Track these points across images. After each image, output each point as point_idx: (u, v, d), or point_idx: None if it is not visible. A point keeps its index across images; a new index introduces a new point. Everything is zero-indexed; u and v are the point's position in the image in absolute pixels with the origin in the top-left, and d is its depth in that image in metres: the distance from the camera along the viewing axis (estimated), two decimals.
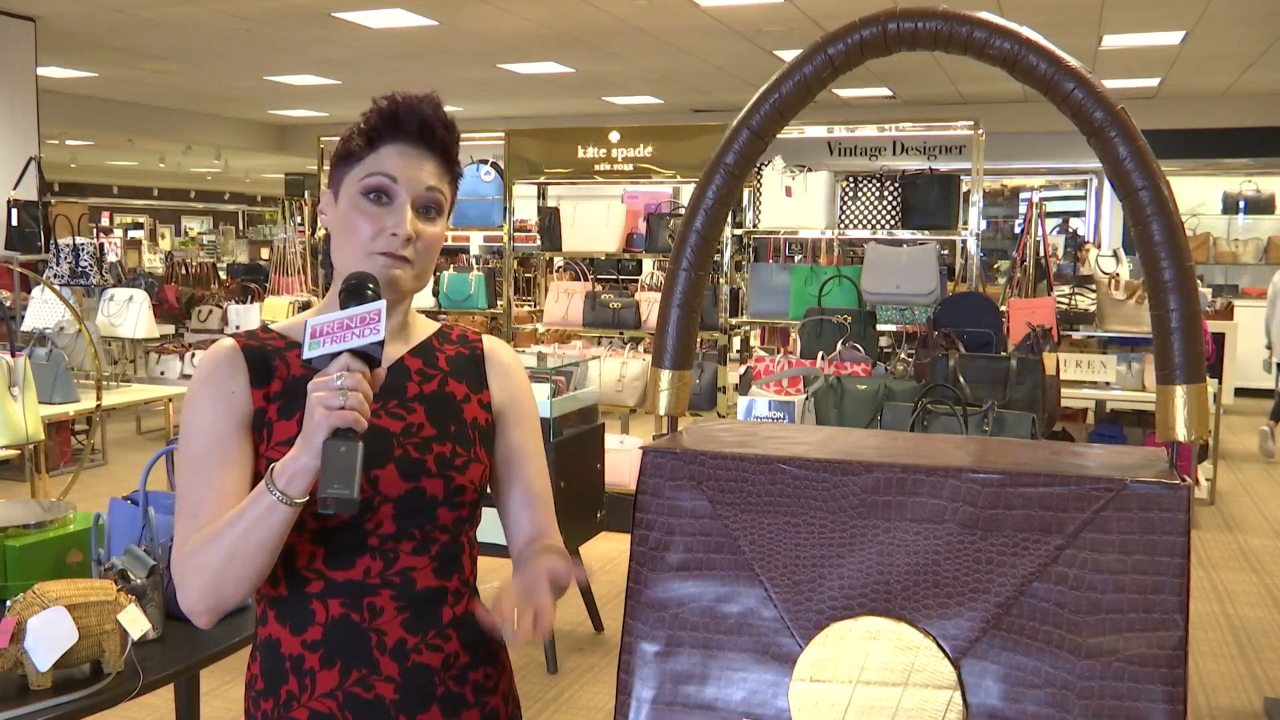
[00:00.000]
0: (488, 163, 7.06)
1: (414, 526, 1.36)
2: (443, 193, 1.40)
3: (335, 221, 1.39)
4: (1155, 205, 0.86)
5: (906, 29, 0.91)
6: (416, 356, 1.45)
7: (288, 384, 1.37)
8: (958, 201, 6.20)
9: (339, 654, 1.34)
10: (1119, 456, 0.94)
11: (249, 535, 1.24)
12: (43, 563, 2.28)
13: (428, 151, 1.38)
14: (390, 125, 1.37)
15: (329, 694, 1.33)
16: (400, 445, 1.36)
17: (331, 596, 1.34)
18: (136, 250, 17.29)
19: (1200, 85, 11.88)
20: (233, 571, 1.25)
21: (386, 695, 1.34)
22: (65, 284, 7.77)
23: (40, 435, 4.69)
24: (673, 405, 1.03)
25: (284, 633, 1.35)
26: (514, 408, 1.50)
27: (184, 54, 10.70)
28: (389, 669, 1.34)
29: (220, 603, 1.27)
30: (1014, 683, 0.83)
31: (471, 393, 1.46)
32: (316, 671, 1.34)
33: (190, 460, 1.33)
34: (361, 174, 1.37)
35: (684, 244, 1.01)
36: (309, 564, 1.34)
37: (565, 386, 4.61)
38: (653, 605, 0.93)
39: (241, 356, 1.37)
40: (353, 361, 1.22)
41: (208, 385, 1.36)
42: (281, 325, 1.45)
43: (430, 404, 1.41)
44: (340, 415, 1.18)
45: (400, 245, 1.34)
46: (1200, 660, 4.48)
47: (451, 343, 1.50)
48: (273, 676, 1.36)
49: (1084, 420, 7.36)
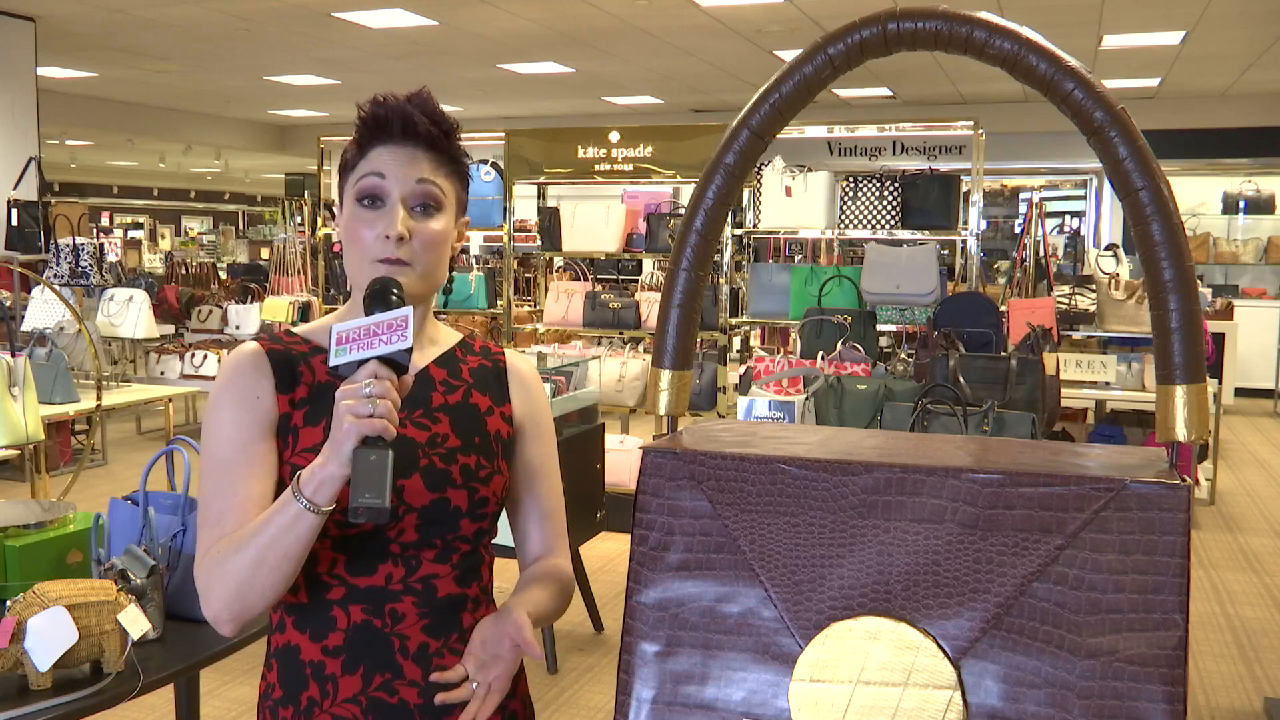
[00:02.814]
0: (488, 163, 7.06)
1: (436, 536, 1.35)
2: (438, 185, 1.37)
3: (342, 232, 1.38)
4: (1155, 205, 0.86)
5: (906, 29, 0.91)
6: (441, 367, 1.44)
7: (313, 390, 1.36)
8: (958, 201, 6.20)
9: (362, 659, 1.33)
10: (1119, 456, 0.94)
11: (275, 544, 1.23)
12: (43, 563, 2.28)
13: (417, 148, 1.36)
14: (376, 127, 1.36)
15: (352, 699, 1.32)
16: (425, 455, 1.35)
17: (353, 603, 1.33)
18: (136, 250, 17.30)
19: (1200, 85, 11.88)
20: (259, 580, 1.24)
21: (410, 700, 1.33)
22: (65, 284, 7.77)
23: (40, 435, 4.69)
24: (673, 405, 1.03)
25: (303, 639, 1.34)
26: (533, 423, 1.50)
27: (184, 54, 10.70)
28: (413, 673, 1.33)
29: (245, 611, 1.26)
30: (1014, 683, 0.83)
31: (495, 405, 1.45)
32: (338, 677, 1.33)
33: (214, 466, 1.32)
34: (355, 179, 1.36)
35: (684, 244, 1.00)
36: (330, 570, 1.33)
37: (565, 386, 4.61)
38: (653, 605, 0.93)
39: (267, 361, 1.36)
40: (380, 369, 1.21)
41: (232, 390, 1.34)
42: (305, 329, 1.43)
43: (455, 415, 1.40)
44: (370, 424, 1.18)
45: (394, 248, 1.32)
46: (1200, 660, 4.48)
47: (474, 354, 1.49)
48: (292, 684, 1.34)
49: (1084, 420, 7.36)
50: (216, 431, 1.32)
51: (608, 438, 5.00)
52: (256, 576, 1.24)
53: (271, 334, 1.43)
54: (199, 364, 8.51)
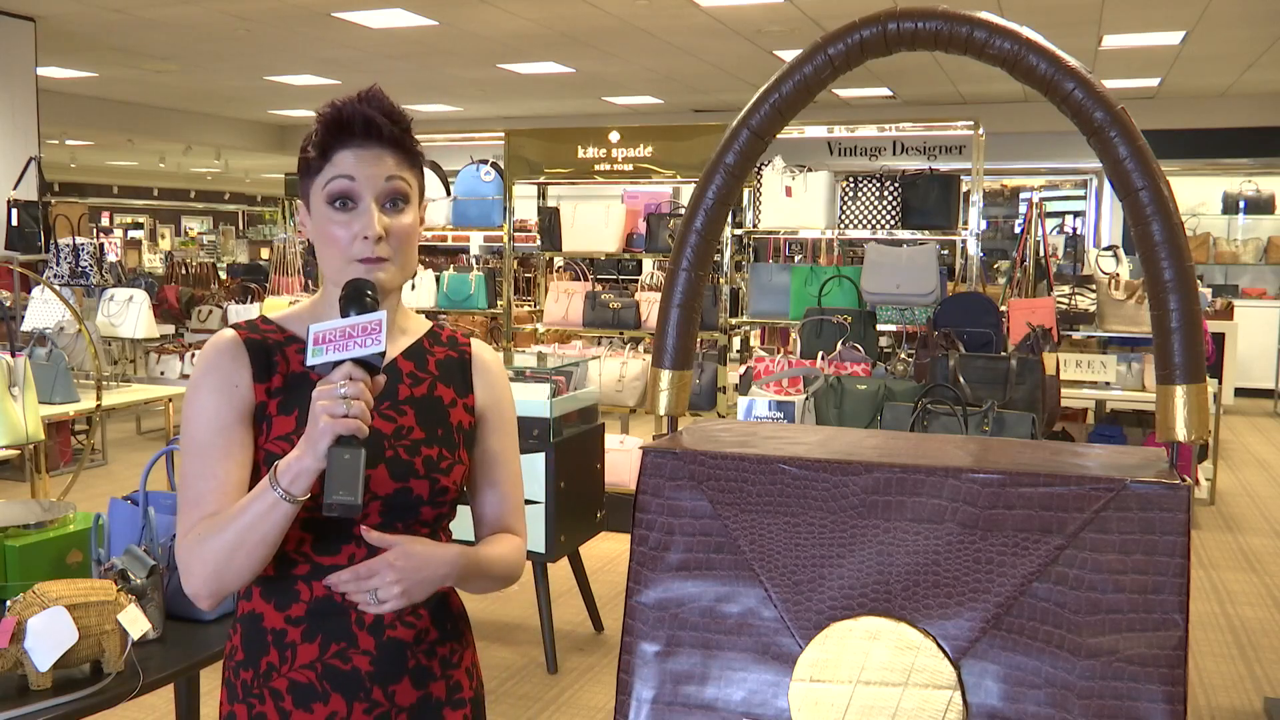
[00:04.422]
0: (488, 163, 7.06)
1: (398, 521, 1.42)
2: (405, 180, 1.43)
3: (313, 234, 1.44)
4: (1155, 205, 0.86)
5: (906, 29, 0.91)
6: (409, 359, 1.50)
7: (288, 380, 1.42)
8: (958, 201, 6.20)
9: (320, 629, 1.40)
10: (1119, 456, 0.94)
11: (253, 529, 1.30)
12: (43, 563, 2.28)
13: (380, 146, 1.41)
14: (336, 130, 1.40)
15: (308, 665, 1.40)
16: (391, 447, 1.42)
17: (316, 579, 1.40)
18: (136, 250, 17.29)
19: (1200, 85, 11.88)
20: (236, 562, 1.32)
21: (363, 667, 1.40)
22: (65, 284, 7.77)
23: (40, 435, 4.69)
24: (673, 405, 1.03)
25: (268, 608, 1.42)
26: (495, 414, 1.56)
27: (184, 54, 10.70)
28: (366, 643, 1.41)
29: (223, 589, 1.35)
30: (1014, 683, 0.83)
31: (458, 397, 1.51)
32: (298, 645, 1.40)
33: (194, 449, 1.38)
34: (323, 183, 1.40)
35: (684, 244, 1.00)
36: (297, 548, 1.40)
37: (565, 386, 4.61)
38: (653, 605, 0.93)
39: (244, 349, 1.41)
40: (355, 370, 1.27)
41: (211, 376, 1.40)
42: (279, 316, 1.48)
43: (420, 407, 1.46)
44: (344, 424, 1.24)
45: (373, 247, 1.38)
46: (1200, 660, 4.48)
47: (441, 344, 1.54)
48: (253, 648, 1.42)
49: (1084, 420, 7.35)
50: (197, 416, 1.39)
51: (608, 438, 4.99)
52: (234, 558, 1.32)
53: (249, 322, 1.47)
54: None
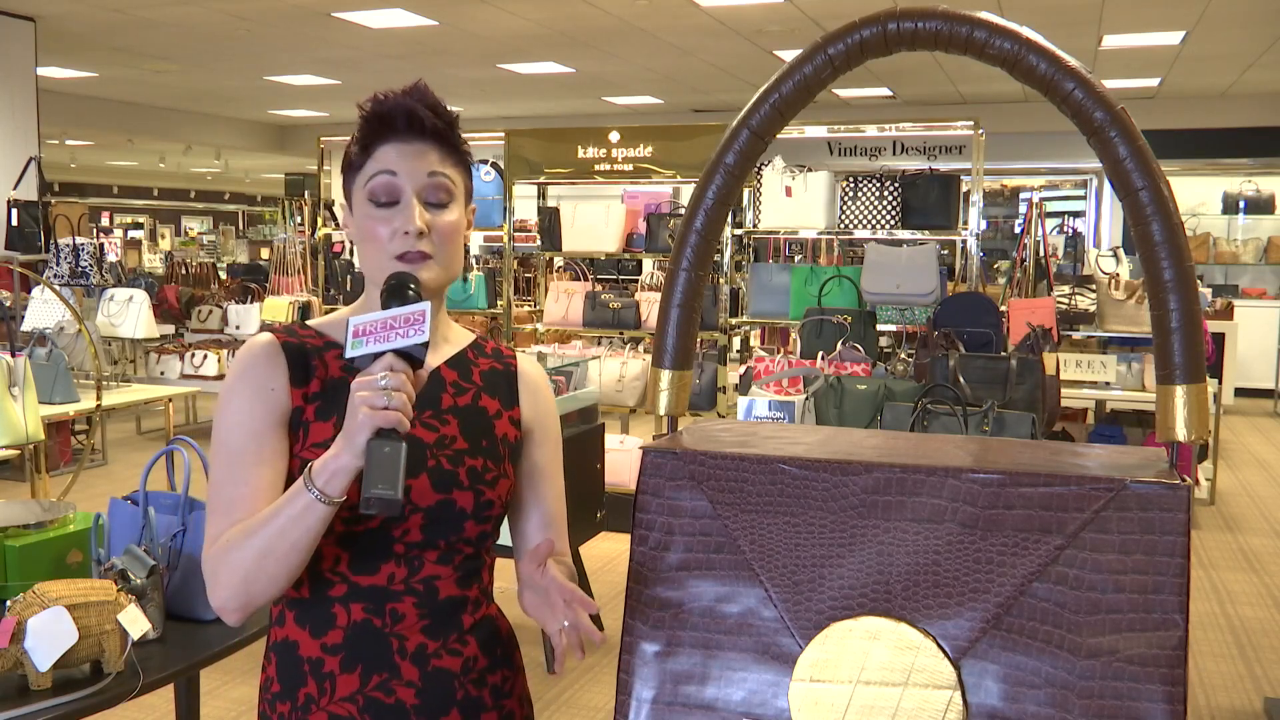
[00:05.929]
0: (488, 163, 7.06)
1: (440, 537, 1.35)
2: (448, 176, 1.38)
3: (354, 232, 1.39)
4: (1155, 205, 0.86)
5: (906, 29, 0.91)
6: (453, 368, 1.44)
7: (326, 385, 1.36)
8: (958, 201, 6.20)
9: (360, 658, 1.33)
10: (1119, 456, 0.94)
11: (284, 533, 1.23)
12: (43, 563, 2.28)
13: (423, 141, 1.37)
14: (379, 126, 1.36)
15: (349, 698, 1.33)
16: (434, 456, 1.36)
17: (354, 601, 1.33)
18: (136, 250, 17.31)
19: (1200, 85, 11.88)
20: (266, 570, 1.24)
21: (407, 700, 1.33)
22: (65, 284, 7.77)
23: (40, 435, 4.69)
24: (673, 405, 1.03)
25: (303, 635, 1.34)
26: (540, 428, 1.50)
27: (184, 54, 10.70)
28: (410, 674, 1.34)
29: (251, 600, 1.27)
30: (1014, 683, 0.83)
31: (504, 409, 1.45)
32: (336, 675, 1.33)
33: (226, 455, 1.32)
34: (364, 179, 1.36)
35: (684, 244, 1.01)
36: (333, 567, 1.33)
37: (565, 386, 4.61)
38: (653, 605, 0.93)
39: (282, 354, 1.36)
40: (396, 362, 1.21)
41: (247, 380, 1.34)
42: (318, 323, 1.43)
43: (464, 417, 1.41)
44: (384, 415, 1.18)
45: (414, 241, 1.33)
46: (1200, 660, 4.48)
47: (486, 356, 1.49)
48: (290, 679, 1.35)
49: (1084, 420, 7.35)
50: (230, 420, 1.33)
51: (608, 438, 4.99)
52: (264, 566, 1.24)
53: (286, 326, 1.42)
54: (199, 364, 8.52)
